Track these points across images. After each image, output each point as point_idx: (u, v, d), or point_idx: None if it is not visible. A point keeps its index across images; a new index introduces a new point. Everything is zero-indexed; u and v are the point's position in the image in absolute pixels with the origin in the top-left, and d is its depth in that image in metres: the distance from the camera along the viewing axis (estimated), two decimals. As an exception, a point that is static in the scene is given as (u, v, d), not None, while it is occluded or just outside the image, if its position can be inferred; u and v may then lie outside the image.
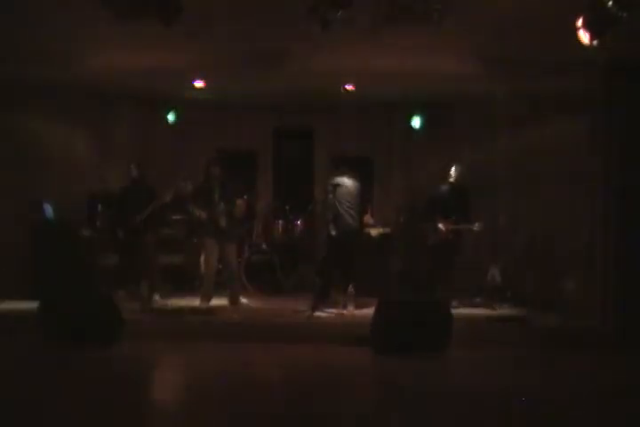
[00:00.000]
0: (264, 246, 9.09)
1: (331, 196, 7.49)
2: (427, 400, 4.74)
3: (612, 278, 6.87)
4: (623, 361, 6.07)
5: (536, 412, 4.42)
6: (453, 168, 7.99)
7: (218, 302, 7.55)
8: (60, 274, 7.68)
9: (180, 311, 7.31)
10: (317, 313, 7.31)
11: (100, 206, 8.53)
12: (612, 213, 6.90)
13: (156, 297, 7.81)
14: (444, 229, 7.83)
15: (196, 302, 7.52)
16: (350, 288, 7.43)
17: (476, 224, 7.77)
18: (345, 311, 7.40)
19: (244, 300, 7.79)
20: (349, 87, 8.15)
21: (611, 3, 4.51)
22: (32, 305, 6.37)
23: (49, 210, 8.22)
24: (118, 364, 5.68)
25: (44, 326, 6.12)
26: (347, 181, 7.59)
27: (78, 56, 6.99)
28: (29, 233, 7.98)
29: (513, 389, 5.02)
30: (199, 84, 8.20)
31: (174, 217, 8.96)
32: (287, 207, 9.35)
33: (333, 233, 7.44)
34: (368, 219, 8.17)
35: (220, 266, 7.58)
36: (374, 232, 8.71)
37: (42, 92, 8.33)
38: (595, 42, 4.85)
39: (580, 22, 4.82)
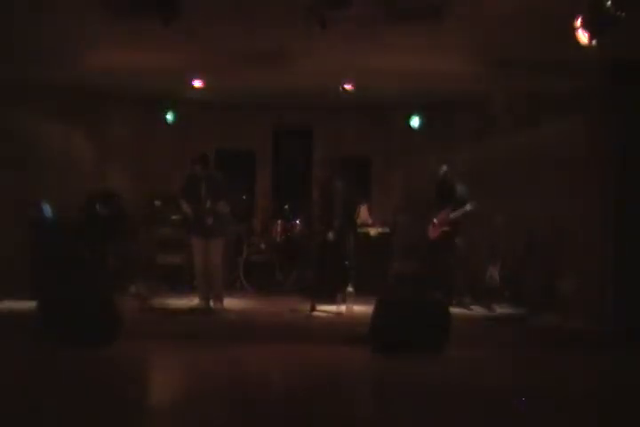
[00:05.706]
0: (263, 246, 9.09)
1: (320, 196, 7.52)
2: (426, 400, 4.74)
3: (611, 278, 6.86)
4: (623, 361, 6.06)
5: (535, 412, 4.42)
6: (444, 168, 8.17)
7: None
8: (60, 274, 7.68)
9: (178, 311, 7.31)
10: (316, 313, 7.31)
11: (97, 205, 8.53)
12: (611, 212, 6.90)
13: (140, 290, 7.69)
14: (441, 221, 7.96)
15: (195, 301, 7.53)
16: (349, 288, 7.42)
17: (468, 205, 7.83)
18: (344, 311, 7.41)
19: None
20: (348, 87, 8.15)
21: (610, 3, 4.51)
22: (32, 305, 6.37)
23: (48, 210, 8.22)
24: (117, 363, 5.67)
25: (44, 325, 6.11)
26: (335, 182, 7.62)
27: (78, 56, 6.99)
28: (29, 233, 7.98)
29: (512, 389, 5.02)
30: (198, 83, 8.20)
31: (174, 217, 8.95)
32: (286, 207, 9.35)
33: (322, 233, 7.46)
34: (366, 218, 8.15)
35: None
36: (373, 232, 8.70)
37: (42, 92, 8.33)
38: (594, 42, 4.85)
39: (578, 22, 4.82)
